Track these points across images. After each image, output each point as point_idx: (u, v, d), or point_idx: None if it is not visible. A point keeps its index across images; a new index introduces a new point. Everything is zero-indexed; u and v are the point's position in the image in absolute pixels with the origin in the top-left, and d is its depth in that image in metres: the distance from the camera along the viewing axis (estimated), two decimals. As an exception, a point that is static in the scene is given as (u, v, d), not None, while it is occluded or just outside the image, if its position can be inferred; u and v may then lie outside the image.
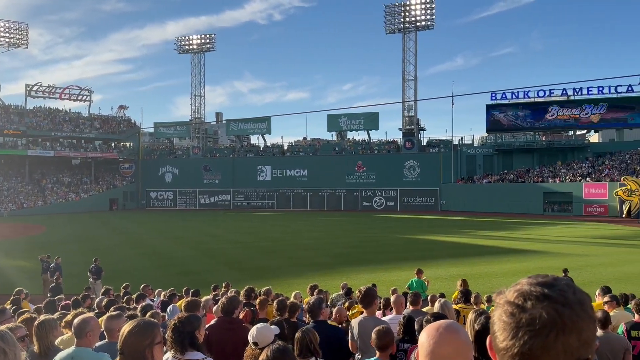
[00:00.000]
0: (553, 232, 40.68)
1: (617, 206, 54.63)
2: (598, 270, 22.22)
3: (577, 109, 68.44)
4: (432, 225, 48.52)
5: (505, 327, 1.10)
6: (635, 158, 61.86)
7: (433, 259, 26.00)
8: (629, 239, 35.90)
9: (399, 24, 78.42)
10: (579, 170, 63.50)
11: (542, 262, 24.85)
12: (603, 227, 44.37)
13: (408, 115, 79.37)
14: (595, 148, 71.09)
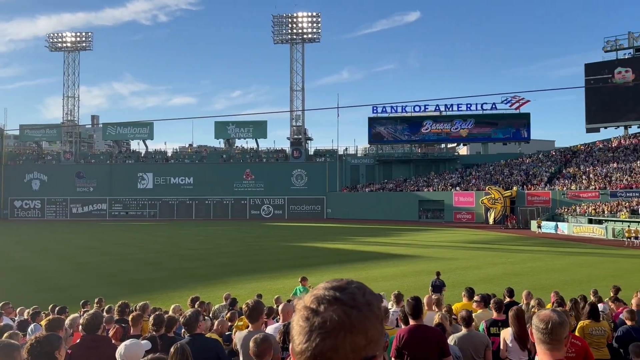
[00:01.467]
0: (427, 237, 43.58)
1: (482, 213, 60.03)
2: (466, 273, 24.15)
3: (449, 123, 74.36)
4: (319, 232, 49.56)
5: (300, 331, 1.14)
6: (498, 169, 68.57)
7: (319, 266, 26.50)
8: (493, 243, 39.56)
9: (287, 34, 79.60)
10: (450, 180, 68.87)
11: (417, 265, 26.46)
12: (471, 233, 48.44)
13: (296, 124, 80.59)
14: (464, 160, 77.75)
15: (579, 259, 29.33)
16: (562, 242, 39.61)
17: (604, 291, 13.16)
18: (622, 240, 38.84)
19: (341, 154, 79.28)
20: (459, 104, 73.59)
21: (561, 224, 48.46)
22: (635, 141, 64.15)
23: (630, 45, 63.78)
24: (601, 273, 23.48)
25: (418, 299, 5.34)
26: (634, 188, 51.35)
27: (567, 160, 66.23)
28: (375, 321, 1.16)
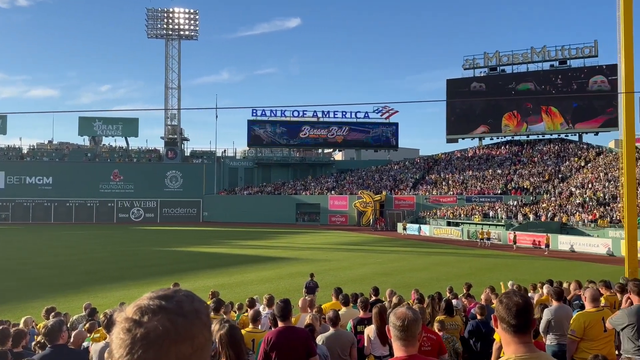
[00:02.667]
0: (304, 240, 44.46)
1: (355, 216, 62.75)
2: (338, 273, 25.03)
3: (326, 129, 76.75)
4: (194, 236, 48.09)
5: (121, 344, 1.09)
6: (369, 175, 72.21)
7: (192, 271, 25.70)
8: (364, 244, 41.53)
9: (162, 29, 76.42)
10: (326, 184, 71.07)
11: (293, 268, 26.85)
12: (344, 235, 50.38)
13: (171, 124, 77.51)
14: (339, 165, 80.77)
15: (439, 259, 31.90)
16: (424, 243, 42.80)
17: (458, 288, 14.37)
18: (475, 241, 42.98)
19: (219, 155, 77.86)
20: (335, 111, 76.33)
21: (423, 226, 52.39)
22: (487, 151, 71.58)
23: (485, 64, 71.09)
24: (457, 271, 25.72)
25: (287, 302, 5.40)
26: (486, 194, 57.24)
27: (430, 167, 71.86)
28: (202, 328, 1.14)
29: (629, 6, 17.16)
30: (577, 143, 67.20)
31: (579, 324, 6.32)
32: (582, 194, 48.33)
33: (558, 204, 47.87)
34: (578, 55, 65.99)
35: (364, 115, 76.17)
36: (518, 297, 2.63)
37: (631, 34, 17.41)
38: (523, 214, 47.01)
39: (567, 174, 57.96)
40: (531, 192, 55.12)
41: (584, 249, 36.05)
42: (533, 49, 67.91)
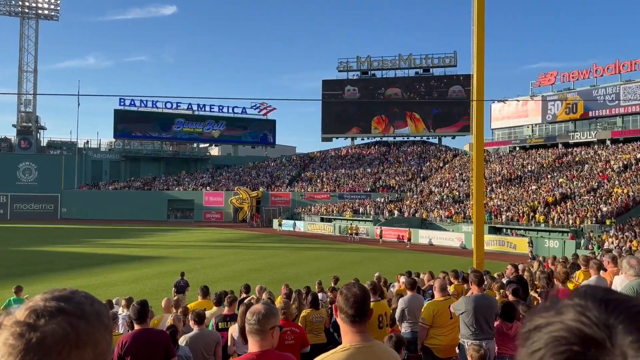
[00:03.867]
0: (176, 237, 42.86)
1: (231, 212, 61.98)
2: (212, 271, 24.52)
3: (201, 123, 74.72)
4: (50, 234, 43.86)
5: (11, 352, 0.95)
6: (246, 171, 71.78)
7: (47, 273, 23.46)
8: (239, 241, 41.18)
9: (17, 6, 68.64)
10: (201, 180, 69.24)
11: (163, 267, 25.75)
12: (219, 232, 49.49)
13: (25, 110, 69.95)
14: (215, 160, 79.13)
15: (311, 254, 32.73)
16: (299, 239, 43.65)
17: (328, 281, 14.87)
18: (346, 236, 44.81)
19: (81, 147, 71.89)
20: (211, 105, 74.66)
21: (298, 222, 53.44)
22: (358, 151, 75.04)
23: (358, 67, 74.36)
24: (328, 265, 26.58)
25: (143, 303, 5.15)
26: (357, 191, 59.98)
27: (306, 165, 73.48)
28: (105, 333, 1.05)
29: (482, 23, 19.07)
30: (437, 145, 73.25)
31: (429, 312, 6.87)
32: (440, 192, 52.78)
33: (419, 201, 51.74)
34: (440, 65, 71.85)
35: (242, 111, 75.50)
36: (356, 289, 2.76)
37: (483, 48, 19.35)
38: (389, 211, 50.08)
39: (428, 174, 62.93)
40: (396, 190, 58.90)
41: (441, 242, 39.40)
42: (401, 56, 72.55)
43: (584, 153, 51.54)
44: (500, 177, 52.33)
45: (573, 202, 39.78)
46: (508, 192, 47.23)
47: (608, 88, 53.59)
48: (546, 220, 37.50)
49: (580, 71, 55.53)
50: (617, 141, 51.50)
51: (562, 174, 47.56)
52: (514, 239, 36.32)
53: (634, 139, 49.94)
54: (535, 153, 57.17)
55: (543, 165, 52.41)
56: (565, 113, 57.16)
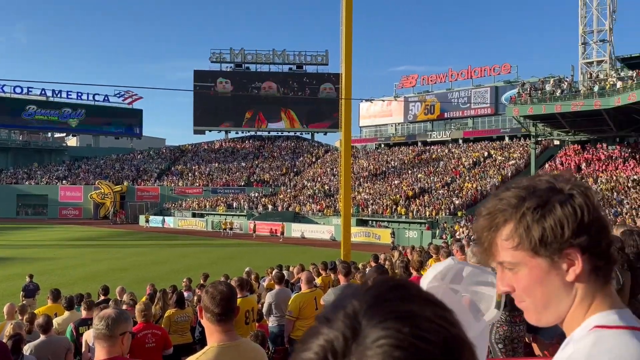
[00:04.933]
0: (26, 236, 38.75)
1: (91, 208, 57.54)
2: (67, 272, 22.53)
3: (57, 111, 68.22)
4: None
5: None
6: (109, 164, 67.09)
7: None
8: (100, 239, 38.41)
9: None
10: (56, 173, 63.32)
11: (9, 269, 23.08)
12: (77, 229, 45.68)
13: None
14: (73, 152, 72.84)
15: (182, 251, 31.69)
16: (168, 235, 41.93)
17: (197, 279, 14.48)
18: (219, 231, 44.04)
19: None
20: (69, 91, 68.37)
21: (168, 218, 51.35)
22: (232, 145, 74.12)
23: (231, 60, 73.22)
24: (199, 262, 25.88)
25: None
26: (231, 185, 59.24)
27: (177, 158, 70.78)
28: None
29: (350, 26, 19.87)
30: (310, 141, 75.10)
31: (295, 304, 7.02)
32: (313, 186, 54.24)
33: (293, 195, 52.69)
34: (313, 62, 73.59)
35: (104, 99, 70.27)
36: (223, 286, 2.73)
37: (350, 52, 20.19)
38: (263, 205, 50.28)
39: (301, 169, 64.29)
40: (271, 184, 59.30)
41: (313, 235, 40.53)
42: (275, 51, 72.96)
43: (440, 151, 56.37)
44: (367, 173, 55.22)
45: (430, 195, 43.35)
46: (374, 186, 50.02)
47: (461, 92, 59.10)
48: (407, 212, 40.42)
49: (438, 75, 60.55)
50: (468, 140, 57.07)
51: (420, 170, 51.54)
52: (378, 230, 38.58)
53: (482, 139, 55.73)
54: (398, 150, 61.21)
55: (405, 161, 56.34)
56: (424, 114, 61.98)
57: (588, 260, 1.01)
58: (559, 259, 1.01)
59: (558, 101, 36.69)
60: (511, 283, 1.07)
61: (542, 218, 1.00)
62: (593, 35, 44.46)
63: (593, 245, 1.01)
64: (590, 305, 1.03)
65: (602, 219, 1.04)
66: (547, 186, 1.05)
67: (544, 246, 1.00)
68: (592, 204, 1.02)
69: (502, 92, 54.91)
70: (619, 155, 40.58)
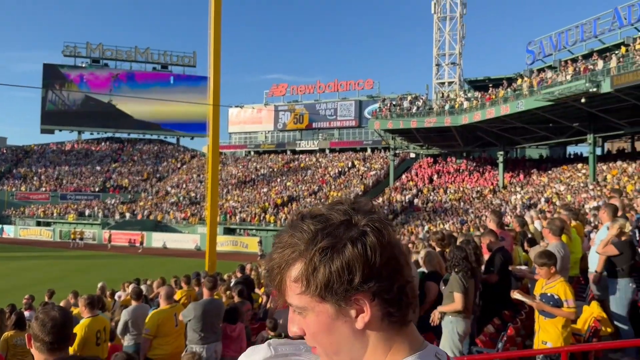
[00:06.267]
0: None
1: None
2: None
3: None
4: None
5: None
6: None
7: None
8: None
9: None
10: None
11: None
12: None
13: None
14: None
15: (25, 264, 28.36)
16: (7, 246, 37.22)
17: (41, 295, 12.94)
18: (68, 241, 40.12)
19: None
20: None
21: (7, 226, 45.70)
22: (87, 146, 68.24)
23: (87, 54, 67.53)
24: (44, 276, 23.31)
25: None
26: (83, 191, 54.42)
27: (20, 159, 63.25)
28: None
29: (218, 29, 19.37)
30: (175, 145, 72.02)
31: (153, 322, 6.47)
32: (177, 193, 52.03)
33: (155, 202, 49.99)
34: (179, 63, 70.80)
35: None
36: (56, 311, 2.45)
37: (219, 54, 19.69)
38: (120, 213, 46.93)
39: (165, 174, 61.34)
40: (130, 190, 55.65)
41: (176, 245, 38.77)
42: (137, 48, 68.89)
43: (308, 160, 57.70)
44: (236, 180, 54.50)
45: (298, 203, 44.05)
46: (243, 194, 49.49)
47: (328, 103, 61.20)
48: (275, 220, 40.57)
49: (307, 86, 62.02)
50: (334, 150, 59.21)
51: (289, 178, 52.24)
52: (246, 238, 38.18)
53: (347, 149, 58.20)
54: (267, 158, 61.41)
55: (274, 169, 56.68)
56: (294, 123, 63.05)
57: (379, 306, 0.94)
58: (346, 305, 0.94)
59: (414, 117, 39.65)
60: (301, 326, 0.98)
61: (329, 260, 0.93)
62: (445, 57, 48.96)
63: (384, 291, 0.94)
64: (388, 352, 0.96)
65: (397, 259, 0.96)
66: (343, 219, 0.97)
67: (330, 292, 0.93)
68: (386, 242, 0.95)
69: (365, 106, 57.96)
70: (465, 168, 45.04)
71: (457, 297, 5.23)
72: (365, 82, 58.00)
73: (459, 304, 5.21)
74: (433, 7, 48.42)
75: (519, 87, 33.38)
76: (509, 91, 34.13)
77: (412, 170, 47.73)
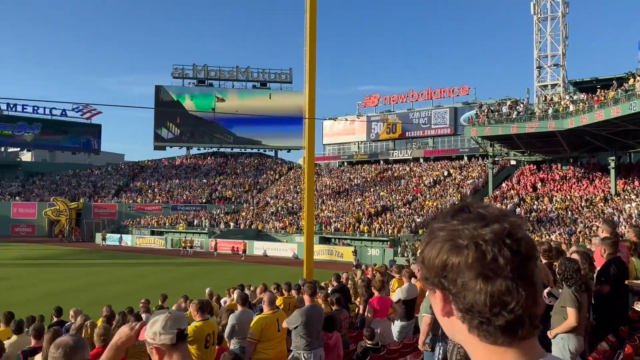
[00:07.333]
0: (-27, 256, 36.87)
1: (45, 226, 55.42)
2: (16, 293, 21.56)
3: (11, 125, 65.83)
4: None
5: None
6: (65, 180, 64.99)
7: None
8: (55, 258, 36.98)
9: None
10: (9, 189, 60.85)
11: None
12: (30, 248, 43.88)
13: None
14: (28, 167, 70.26)
15: (140, 270, 30.81)
16: (126, 254, 40.77)
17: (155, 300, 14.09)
18: (179, 249, 43.14)
19: None
20: (24, 105, 66.18)
21: (125, 235, 49.98)
22: (194, 161, 73.12)
23: (194, 76, 72.63)
24: (157, 282, 25.22)
25: None
26: (192, 202, 58.28)
27: (136, 174, 69.22)
28: None
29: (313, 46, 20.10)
30: (274, 158, 74.90)
31: (257, 326, 6.92)
32: (276, 203, 53.99)
33: (255, 212, 52.26)
34: (276, 80, 73.79)
35: (62, 113, 68.29)
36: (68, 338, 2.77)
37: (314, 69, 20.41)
38: (225, 222, 49.62)
39: (264, 186, 63.94)
40: (233, 201, 58.67)
41: (275, 253, 40.22)
42: (238, 68, 72.82)
43: (401, 169, 57.25)
44: (330, 190, 55.44)
45: (392, 213, 43.84)
46: (337, 204, 50.23)
47: (422, 112, 60.42)
48: (369, 230, 40.70)
49: (399, 95, 61.75)
50: (428, 159, 58.24)
51: (383, 188, 52.15)
52: (341, 248, 38.66)
53: (442, 158, 56.98)
54: (360, 168, 61.81)
55: (367, 179, 56.91)
56: (387, 132, 62.96)
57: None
58: None
59: (514, 123, 37.97)
60: None
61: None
62: (547, 59, 46.44)
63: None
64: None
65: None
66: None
67: None
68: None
69: (461, 113, 56.44)
70: (572, 175, 42.21)
71: (571, 312, 4.97)
72: (461, 89, 56.54)
73: (572, 320, 4.95)
74: (532, 8, 46.23)
75: (631, 87, 30.80)
76: (620, 92, 31.59)
77: (513, 178, 45.61)
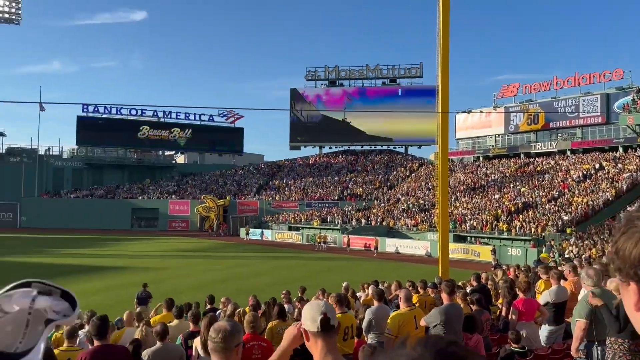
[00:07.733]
0: (139, 247, 41.94)
1: (197, 221, 61.09)
2: (175, 282, 24.07)
3: (167, 131, 73.60)
4: (9, 244, 42.27)
5: None
6: (213, 179, 71.01)
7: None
8: (206, 250, 40.61)
9: (-26, 8, 66.34)
10: (166, 188, 68.09)
11: (125, 277, 25.14)
12: (185, 241, 48.69)
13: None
14: (181, 168, 78.01)
15: (279, 263, 32.56)
16: (267, 248, 43.36)
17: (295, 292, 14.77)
18: (314, 244, 44.71)
19: (42, 154, 69.77)
20: (177, 112, 73.70)
21: (266, 230, 53.10)
22: (326, 159, 75.28)
23: (326, 77, 74.78)
24: (295, 275, 26.44)
25: (103, 319, 5.02)
26: (325, 200, 60.08)
27: (274, 173, 73.23)
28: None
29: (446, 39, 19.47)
30: (404, 155, 74.17)
31: (394, 322, 6.92)
32: (407, 200, 53.40)
33: (386, 209, 52.20)
34: (406, 75, 72.96)
35: (209, 119, 74.80)
36: (226, 324, 2.92)
37: (447, 63, 19.75)
38: (356, 219, 50.33)
39: (395, 183, 63.60)
40: (364, 198, 59.27)
41: (407, 250, 39.79)
42: (368, 66, 73.32)
43: (545, 163, 53.09)
44: (465, 186, 53.34)
45: (535, 211, 40.85)
46: (472, 200, 48.17)
47: (568, 100, 55.43)
48: (509, 228, 38.38)
49: (542, 83, 57.32)
50: (576, 151, 53.28)
51: (524, 184, 48.84)
52: (478, 247, 37.00)
53: (593, 150, 51.77)
54: (498, 162, 58.56)
55: (505, 174, 53.72)
56: (527, 124, 58.83)
57: None
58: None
59: (683, 107, 33.16)
60: None
61: None
62: None
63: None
64: None
65: None
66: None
67: None
68: None
69: (614, 100, 50.72)
70: None
71: None
72: (614, 73, 50.82)
73: None
74: None
75: None
76: None
77: (682, 170, 39.84)
